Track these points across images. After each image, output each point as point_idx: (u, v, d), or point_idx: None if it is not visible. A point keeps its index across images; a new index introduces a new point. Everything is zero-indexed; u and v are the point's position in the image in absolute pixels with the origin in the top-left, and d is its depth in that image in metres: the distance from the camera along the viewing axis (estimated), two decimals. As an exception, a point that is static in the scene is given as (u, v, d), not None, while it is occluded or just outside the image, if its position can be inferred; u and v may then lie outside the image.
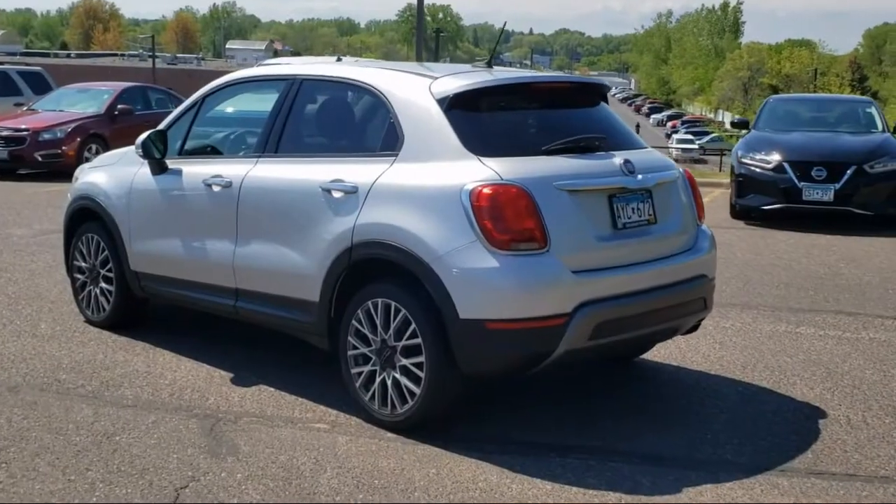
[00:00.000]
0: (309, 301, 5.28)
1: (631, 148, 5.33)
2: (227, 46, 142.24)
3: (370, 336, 4.99)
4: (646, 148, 5.49)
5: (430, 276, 4.66)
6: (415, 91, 5.10)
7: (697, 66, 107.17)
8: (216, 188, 5.78)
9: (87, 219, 6.89)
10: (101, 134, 17.00)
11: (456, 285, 4.60)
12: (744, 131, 14.21)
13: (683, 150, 60.93)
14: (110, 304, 6.74)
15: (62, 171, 16.49)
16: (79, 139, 16.75)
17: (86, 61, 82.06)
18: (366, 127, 5.48)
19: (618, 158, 5.07)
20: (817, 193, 11.99)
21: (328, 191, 5.16)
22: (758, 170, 12.40)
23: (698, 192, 5.63)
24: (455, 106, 4.95)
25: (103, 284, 6.75)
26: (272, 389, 5.61)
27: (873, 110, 13.84)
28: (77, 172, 7.31)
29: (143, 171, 6.35)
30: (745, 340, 6.82)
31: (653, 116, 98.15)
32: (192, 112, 6.26)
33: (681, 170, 5.56)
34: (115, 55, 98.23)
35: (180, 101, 19.28)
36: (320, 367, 5.87)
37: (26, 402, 5.33)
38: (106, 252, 6.68)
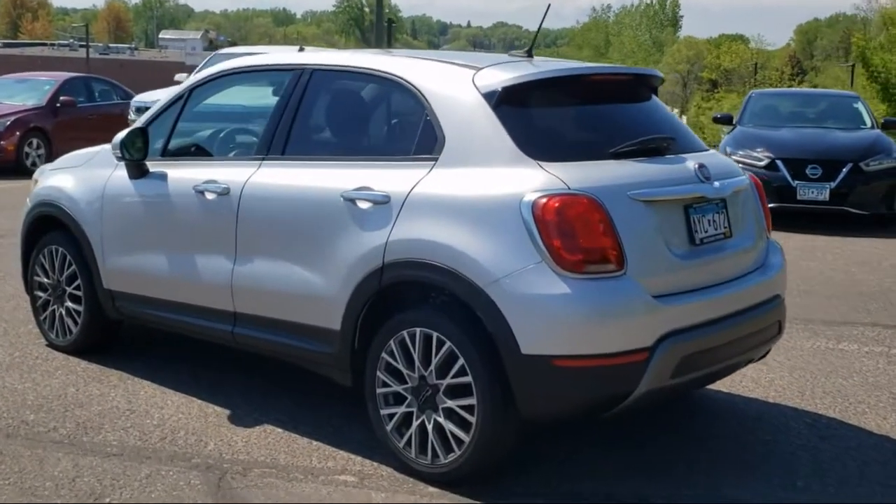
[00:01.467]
0: (327, 329, 4.51)
1: (696, 150, 4.65)
2: (160, 36, 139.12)
3: (405, 372, 4.23)
4: (709, 150, 4.81)
5: (485, 303, 3.92)
6: (455, 84, 4.35)
7: (637, 60, 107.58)
8: (210, 196, 4.97)
9: (49, 228, 6.02)
10: (42, 128, 15.92)
11: (517, 315, 3.87)
12: (727, 128, 13.64)
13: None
14: (78, 326, 5.88)
15: (1, 169, 15.42)
16: (18, 133, 15.65)
17: (13, 51, 79.36)
18: (395, 126, 4.72)
19: (691, 163, 4.39)
20: (812, 192, 11.48)
21: (352, 201, 4.39)
22: (748, 169, 11.81)
23: (765, 200, 4.97)
24: (505, 101, 4.21)
25: (70, 304, 5.89)
26: (280, 430, 4.82)
27: (860, 105, 13.39)
28: (37, 175, 6.42)
29: (119, 174, 5.51)
30: (790, 360, 6.19)
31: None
32: (178, 107, 5.42)
33: (747, 175, 4.90)
34: (45, 45, 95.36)
35: (126, 93, 18.33)
36: (331, 400, 5.11)
37: (-11, 452, 4.48)
38: (73, 267, 5.81)
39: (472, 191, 4.07)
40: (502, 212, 3.96)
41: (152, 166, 5.36)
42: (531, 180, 3.97)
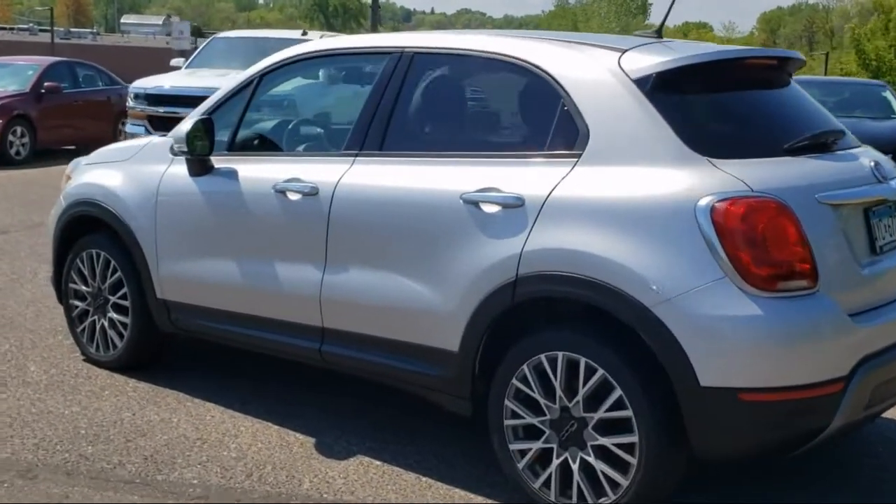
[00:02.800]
0: (441, 350, 3.93)
1: (855, 145, 4.11)
2: (122, 21, 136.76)
3: (543, 402, 3.67)
4: (862, 145, 4.28)
5: (653, 326, 3.36)
6: (597, 69, 3.77)
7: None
8: (293, 196, 4.36)
9: (88, 230, 5.38)
10: (26, 114, 15.08)
11: (695, 340, 3.31)
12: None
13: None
14: (124, 339, 5.24)
15: (-15, 158, 14.64)
16: (2, 121, 14.78)
17: (-28, 36, 77.37)
18: (522, 118, 4.13)
19: (865, 160, 3.87)
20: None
21: (475, 203, 3.80)
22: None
23: None
24: (661, 88, 3.64)
25: (114, 315, 5.26)
26: (378, 463, 4.25)
27: (889, 94, 12.95)
28: (69, 170, 5.76)
29: (176, 170, 4.88)
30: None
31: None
32: (245, 95, 4.79)
33: None
34: (4, 29, 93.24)
35: (111, 79, 17.52)
36: (426, 423, 4.55)
37: (52, 496, 3.86)
38: (118, 274, 5.18)
39: (631, 193, 3.50)
40: (672, 219, 3.40)
41: (217, 162, 4.74)
42: (706, 181, 3.41)
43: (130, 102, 12.16)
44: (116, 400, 4.91)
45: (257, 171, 4.59)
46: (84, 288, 5.38)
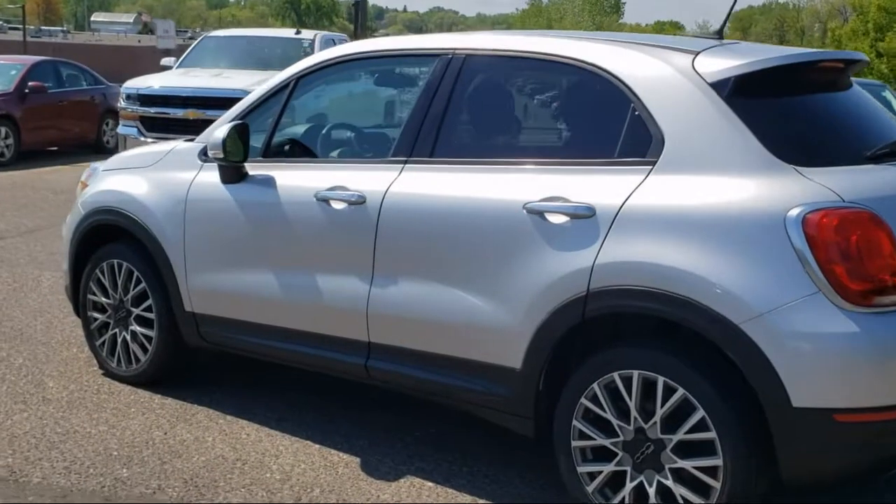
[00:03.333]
0: (501, 367, 3.75)
1: None
2: (92, 19, 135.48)
3: (615, 423, 3.50)
4: None
5: (742, 344, 3.19)
6: (671, 72, 3.59)
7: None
8: (338, 205, 4.16)
9: (107, 239, 5.15)
10: (10, 115, 14.70)
11: (787, 359, 3.14)
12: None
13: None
14: (149, 353, 5.02)
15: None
16: (-15, 122, 14.44)
17: (-59, 34, 76.23)
18: (587, 123, 3.94)
19: None
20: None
21: (540, 214, 3.62)
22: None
23: None
24: (739, 93, 3.48)
25: (137, 327, 5.03)
26: (431, 485, 4.06)
27: (889, 94, 12.89)
28: (85, 177, 5.52)
29: (206, 177, 4.67)
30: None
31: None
32: (280, 98, 4.58)
33: None
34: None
35: (96, 79, 17.17)
36: (473, 440, 4.37)
37: (95, 524, 3.65)
38: (142, 285, 4.95)
39: (713, 203, 3.33)
40: (759, 230, 3.23)
41: (251, 168, 4.53)
42: (794, 191, 3.24)
43: (122, 103, 11.86)
44: (144, 418, 4.69)
45: (296, 179, 4.38)
46: (104, 300, 5.15)
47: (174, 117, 11.45)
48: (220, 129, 4.44)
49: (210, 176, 4.65)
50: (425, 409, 4.58)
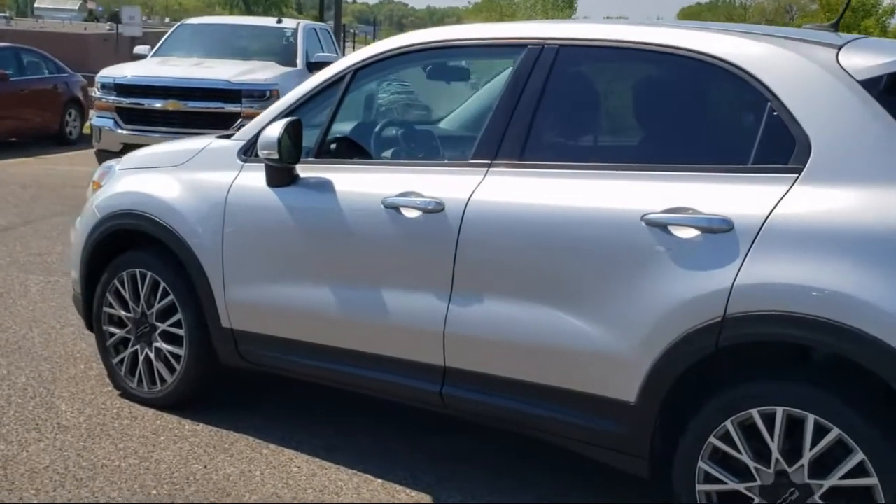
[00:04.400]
0: (612, 400, 3.32)
1: None
2: (35, 5, 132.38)
3: (752, 466, 3.09)
4: None
5: None
6: (812, 68, 3.18)
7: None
8: (410, 213, 3.70)
9: (127, 246, 4.63)
10: (-29, 105, 13.96)
11: None
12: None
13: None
14: (176, 373, 4.51)
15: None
16: (-55, 111, 13.67)
17: None
18: (715, 124, 3.51)
19: None
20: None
21: (663, 227, 3.19)
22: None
23: None
24: (893, 92, 3.07)
25: (163, 344, 4.52)
26: (520, 529, 3.61)
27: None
28: (97, 176, 4.99)
29: (248, 179, 4.18)
30: None
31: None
32: (335, 93, 4.10)
33: None
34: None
35: (58, 66, 16.41)
36: (541, 464, 3.93)
37: (151, 583, 3.15)
38: (170, 297, 4.44)
39: (879, 218, 2.92)
40: None
41: (303, 170, 4.05)
42: None
43: (97, 93, 11.21)
44: (178, 448, 4.19)
45: (357, 183, 3.91)
46: (123, 313, 4.63)
47: (153, 108, 10.86)
48: (272, 126, 3.94)
49: (253, 178, 4.16)
50: (492, 435, 4.14)
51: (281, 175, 4.03)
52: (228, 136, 4.55)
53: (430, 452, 4.20)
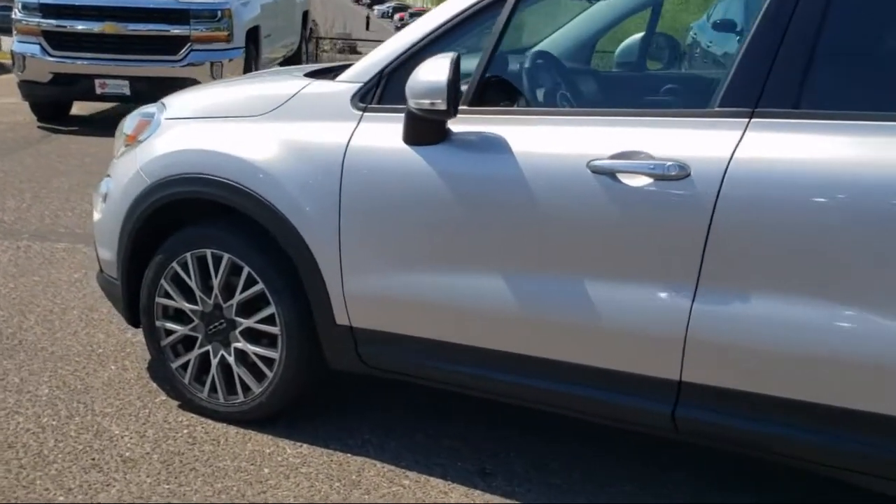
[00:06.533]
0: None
1: None
2: None
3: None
4: None
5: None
6: None
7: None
8: (635, 181, 2.78)
9: (187, 221, 3.59)
10: None
11: None
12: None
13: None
14: (267, 381, 3.53)
15: None
16: None
17: None
18: None
19: None
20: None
21: None
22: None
23: None
24: None
25: (246, 345, 3.52)
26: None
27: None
28: (131, 128, 3.88)
29: (374, 135, 3.18)
30: None
31: (377, 8, 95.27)
32: (494, 16, 3.09)
33: None
34: None
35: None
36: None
37: None
38: (258, 286, 3.42)
39: None
40: None
41: (454, 123, 3.06)
42: None
43: (17, 14, 9.75)
44: (293, 484, 3.24)
45: (544, 140, 2.96)
46: (187, 305, 3.59)
47: (87, 32, 9.50)
48: (431, 64, 2.91)
49: (380, 133, 3.16)
50: (694, 453, 3.33)
51: (429, 129, 3.04)
52: (317, 74, 3.53)
53: (598, 476, 3.35)
